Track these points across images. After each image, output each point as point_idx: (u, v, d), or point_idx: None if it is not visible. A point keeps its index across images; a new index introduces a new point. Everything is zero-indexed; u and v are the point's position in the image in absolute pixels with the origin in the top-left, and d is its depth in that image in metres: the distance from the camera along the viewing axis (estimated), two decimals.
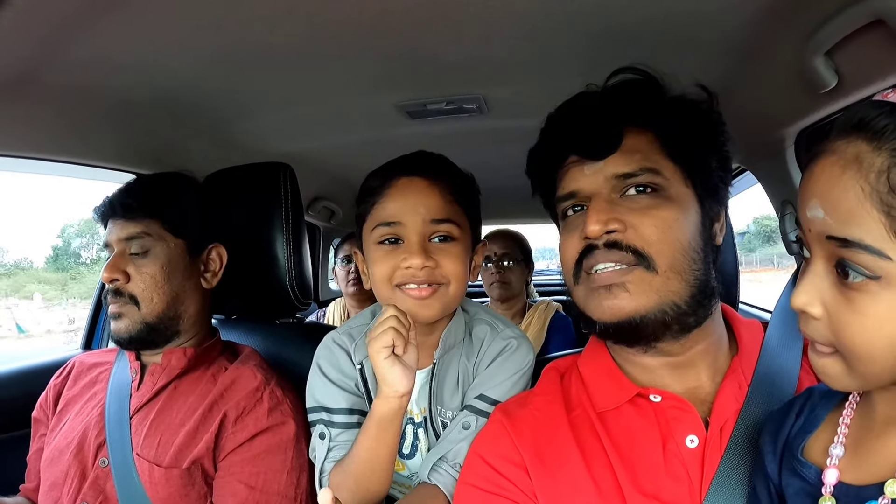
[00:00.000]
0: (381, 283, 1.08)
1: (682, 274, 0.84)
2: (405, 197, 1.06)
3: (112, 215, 1.25)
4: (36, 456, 1.29)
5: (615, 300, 0.85)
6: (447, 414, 1.14)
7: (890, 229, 0.53)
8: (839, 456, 0.65)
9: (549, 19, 1.09)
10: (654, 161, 0.86)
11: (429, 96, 1.53)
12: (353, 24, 1.09)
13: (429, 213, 1.05)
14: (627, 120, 0.88)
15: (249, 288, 1.50)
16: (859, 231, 0.55)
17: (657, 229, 0.84)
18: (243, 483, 1.11)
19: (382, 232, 1.07)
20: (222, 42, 1.13)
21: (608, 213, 0.84)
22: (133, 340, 1.23)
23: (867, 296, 0.56)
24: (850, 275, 0.56)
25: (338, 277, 2.83)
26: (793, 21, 1.00)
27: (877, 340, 0.56)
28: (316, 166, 2.22)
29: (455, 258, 1.06)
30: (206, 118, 1.58)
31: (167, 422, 1.18)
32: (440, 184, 1.07)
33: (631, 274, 0.84)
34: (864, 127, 0.55)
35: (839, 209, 0.56)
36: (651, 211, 0.84)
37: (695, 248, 0.85)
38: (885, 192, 0.53)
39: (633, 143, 0.87)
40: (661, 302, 0.84)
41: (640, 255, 0.84)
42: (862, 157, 0.55)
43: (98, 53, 1.12)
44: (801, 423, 0.72)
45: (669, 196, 0.86)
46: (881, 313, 0.55)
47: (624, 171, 0.86)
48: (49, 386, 1.35)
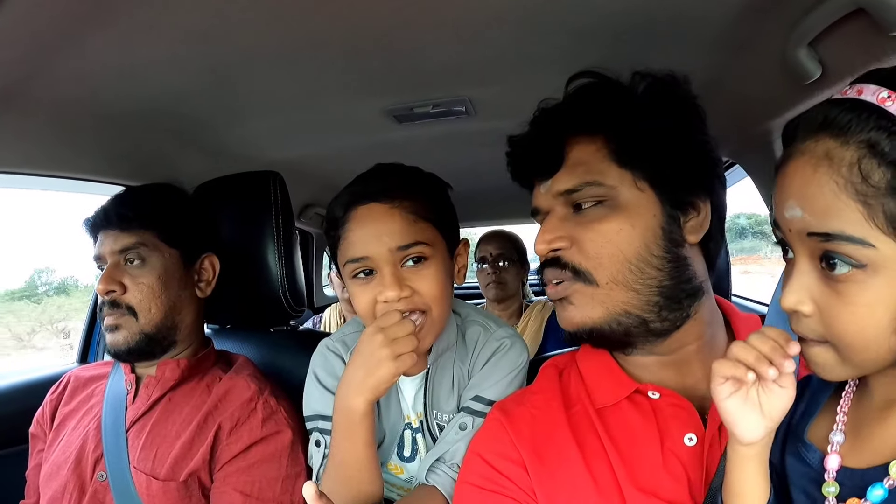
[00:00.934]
0: (366, 318, 1.06)
1: (628, 284, 0.85)
2: (365, 227, 1.03)
3: (106, 226, 1.25)
4: (34, 471, 1.28)
5: (564, 311, 0.91)
6: (443, 417, 1.14)
7: (869, 217, 0.55)
8: (839, 443, 0.66)
9: (532, 18, 1.09)
10: (597, 172, 0.86)
11: (415, 100, 1.53)
12: (338, 31, 1.09)
13: (393, 241, 1.01)
14: (574, 130, 0.89)
15: (242, 297, 1.50)
16: (839, 223, 0.56)
17: (595, 243, 0.85)
18: (239, 491, 1.12)
19: (353, 268, 1.04)
20: (208, 51, 1.13)
21: (554, 231, 0.88)
22: (132, 352, 1.22)
23: (855, 285, 0.57)
24: (837, 267, 0.58)
25: (333, 283, 2.83)
26: (775, 13, 0.99)
27: (869, 328, 0.58)
28: (306, 173, 2.22)
29: (431, 280, 1.04)
30: (193, 128, 1.58)
31: (163, 434, 1.18)
32: (400, 206, 1.03)
33: (571, 287, 0.88)
34: (830, 124, 0.57)
35: (817, 205, 0.58)
36: (593, 224, 0.86)
37: (644, 257, 0.85)
38: (859, 182, 0.55)
39: (578, 155, 0.88)
40: (609, 312, 0.86)
41: (576, 271, 0.87)
42: (832, 153, 0.56)
43: (84, 65, 1.12)
44: (804, 408, 0.73)
45: (617, 205, 0.86)
46: (871, 300, 0.57)
47: (566, 187, 0.88)
48: (45, 401, 1.34)
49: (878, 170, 0.54)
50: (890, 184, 0.54)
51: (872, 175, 0.54)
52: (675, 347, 0.89)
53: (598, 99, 0.90)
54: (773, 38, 1.04)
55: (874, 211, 0.55)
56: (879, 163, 0.54)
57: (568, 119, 0.90)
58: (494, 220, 3.16)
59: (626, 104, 0.89)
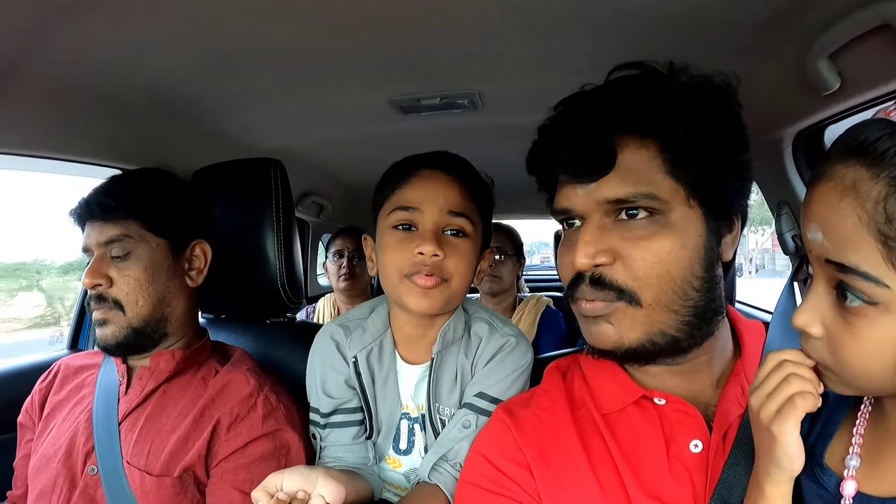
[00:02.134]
0: (391, 270, 1.09)
1: (671, 305, 0.81)
2: (426, 187, 1.09)
3: (89, 217, 1.20)
4: (23, 462, 1.25)
5: (600, 329, 0.84)
6: (445, 411, 1.14)
7: (887, 258, 0.53)
8: (856, 467, 0.65)
9: (546, 15, 1.08)
10: (652, 183, 0.78)
11: (422, 92, 1.52)
12: (346, 20, 1.08)
13: (446, 205, 1.07)
14: (624, 129, 0.80)
15: (239, 287, 1.48)
16: (856, 258, 0.55)
17: (645, 263, 0.79)
18: (237, 489, 1.09)
19: (399, 216, 1.09)
20: (211, 37, 1.11)
21: (597, 243, 0.80)
22: (120, 346, 1.19)
23: (865, 320, 0.57)
24: (849, 298, 0.57)
25: (329, 272, 2.80)
26: (799, 23, 0.99)
27: (874, 364, 0.57)
28: (306, 161, 2.20)
29: (463, 255, 1.09)
30: (194, 113, 1.56)
31: (157, 428, 1.16)
32: (460, 180, 1.11)
33: (613, 307, 0.81)
34: (864, 151, 0.55)
35: (837, 235, 0.57)
36: (643, 242, 0.79)
37: (688, 279, 0.80)
38: (883, 221, 0.53)
39: (631, 159, 0.79)
40: (647, 333, 0.82)
41: (621, 291, 0.80)
42: (859, 185, 0.54)
43: (84, 49, 1.10)
44: (820, 429, 0.72)
45: (668, 222, 0.79)
46: (878, 337, 0.56)
47: (617, 196, 0.79)
48: (34, 390, 1.31)
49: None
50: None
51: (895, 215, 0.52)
52: (690, 359, 0.88)
53: (652, 97, 0.81)
54: (794, 48, 1.04)
55: (893, 253, 0.53)
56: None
57: (617, 115, 0.80)
58: (496, 215, 3.14)
59: (685, 108, 0.80)
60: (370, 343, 1.16)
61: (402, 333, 1.18)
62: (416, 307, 1.07)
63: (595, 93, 0.85)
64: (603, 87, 0.85)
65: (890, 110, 0.57)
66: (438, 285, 1.07)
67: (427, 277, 1.06)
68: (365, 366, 1.15)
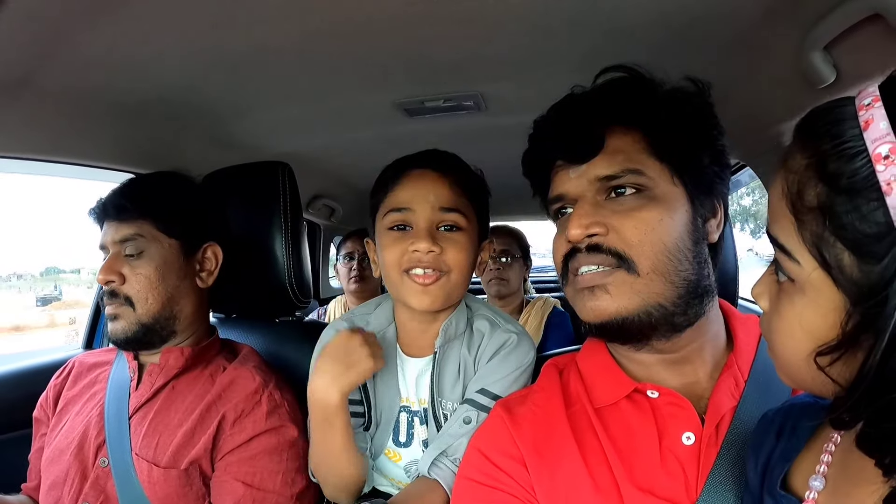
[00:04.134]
0: (390, 267, 1.11)
1: (666, 275, 0.83)
2: (416, 186, 1.11)
3: (106, 217, 1.25)
4: (37, 455, 1.29)
5: (597, 301, 0.86)
6: (448, 405, 1.15)
7: (798, 232, 0.52)
8: (818, 489, 0.61)
9: (547, 16, 1.09)
10: (637, 161, 0.85)
11: (427, 94, 1.53)
12: (351, 24, 1.09)
13: (437, 202, 1.10)
14: (611, 120, 0.87)
15: (249, 286, 1.50)
16: (776, 229, 0.55)
17: (638, 231, 0.83)
18: (241, 481, 1.12)
19: (394, 218, 1.11)
20: (220, 42, 1.14)
21: (590, 216, 0.85)
22: (130, 341, 1.23)
23: (786, 297, 0.56)
24: (779, 274, 0.57)
25: (340, 274, 2.83)
26: (791, 16, 0.99)
27: (789, 344, 0.56)
28: (315, 165, 2.23)
29: (460, 247, 1.10)
30: (204, 118, 1.59)
31: (165, 422, 1.19)
32: (450, 176, 1.12)
33: (612, 276, 0.84)
34: (804, 123, 0.55)
35: (770, 206, 0.57)
36: (634, 213, 0.84)
37: (681, 249, 0.84)
38: (795, 193, 0.52)
39: (617, 143, 0.87)
40: (644, 303, 0.84)
41: (620, 257, 0.84)
42: (791, 157, 0.54)
43: (96, 54, 1.13)
44: (783, 448, 0.69)
45: (655, 196, 0.85)
46: (791, 318, 0.55)
47: (606, 173, 0.86)
48: (49, 386, 1.35)
49: (815, 186, 0.51)
50: (822, 204, 0.50)
51: (808, 190, 0.51)
52: (682, 345, 0.89)
53: (635, 93, 0.89)
54: (788, 42, 1.04)
55: (803, 227, 0.52)
56: (818, 179, 0.50)
57: (605, 107, 0.88)
58: (502, 217, 3.15)
59: (662, 101, 0.88)
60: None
61: (406, 328, 1.20)
62: (418, 304, 1.10)
63: (584, 92, 0.92)
64: (592, 88, 0.92)
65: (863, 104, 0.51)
66: (438, 280, 1.09)
67: (426, 276, 1.08)
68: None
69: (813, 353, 0.53)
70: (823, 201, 0.50)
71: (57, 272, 16.98)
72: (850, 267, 0.49)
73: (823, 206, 0.50)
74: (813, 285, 0.52)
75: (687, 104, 0.88)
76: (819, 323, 0.52)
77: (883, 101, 0.48)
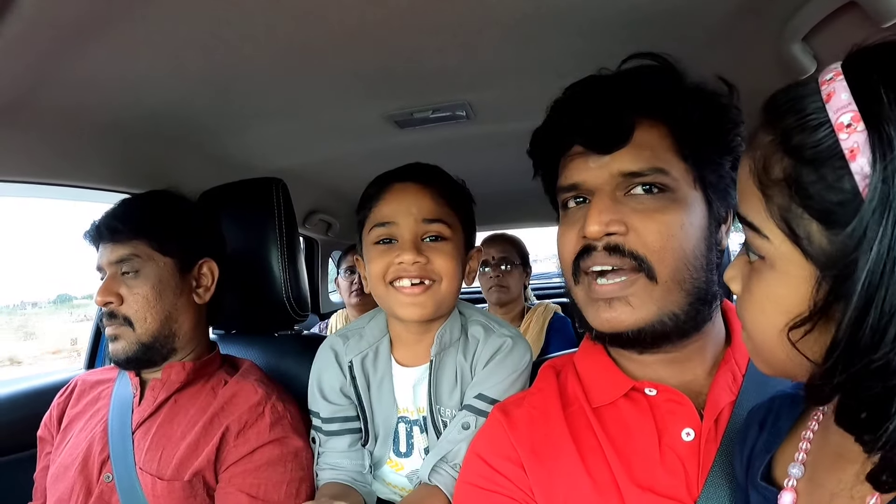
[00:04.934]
0: (376, 279, 1.12)
1: (683, 284, 0.82)
2: (398, 200, 1.13)
3: (100, 239, 1.27)
4: (42, 474, 1.30)
5: (614, 313, 0.84)
6: (447, 412, 1.16)
7: (766, 207, 0.53)
8: (797, 477, 0.62)
9: (530, 22, 1.10)
10: (664, 160, 0.82)
11: (415, 105, 1.54)
12: (336, 37, 1.10)
13: (420, 214, 1.10)
14: (640, 110, 0.83)
15: (247, 302, 1.52)
16: (745, 207, 0.56)
17: (661, 235, 0.80)
18: (245, 493, 1.12)
19: (378, 232, 1.12)
20: (209, 61, 1.14)
21: (610, 212, 0.81)
22: (131, 361, 1.24)
23: (756, 276, 0.56)
24: (749, 254, 0.57)
25: (341, 288, 2.84)
26: (769, 8, 0.99)
27: (761, 323, 0.56)
28: (309, 180, 2.23)
29: (446, 256, 1.11)
30: (197, 137, 1.60)
31: (168, 435, 1.19)
32: (432, 187, 1.13)
33: (633, 286, 0.82)
34: (769, 107, 0.55)
35: (739, 187, 0.58)
36: (656, 214, 0.81)
37: (697, 257, 0.82)
38: (762, 169, 0.53)
39: (644, 137, 0.83)
40: (659, 313, 0.82)
41: (641, 261, 0.81)
42: (757, 136, 0.55)
43: (88, 76, 1.14)
44: (765, 440, 0.69)
45: (677, 198, 0.82)
46: (763, 294, 0.55)
47: (631, 168, 0.82)
48: (53, 405, 1.36)
49: (780, 160, 0.51)
50: (787, 176, 0.51)
51: (774, 164, 0.52)
52: (686, 345, 0.88)
53: (664, 83, 0.86)
54: (767, 34, 1.04)
55: (770, 202, 0.52)
56: (784, 153, 0.51)
57: (634, 95, 0.84)
58: (497, 225, 3.15)
59: (691, 97, 0.85)
60: (366, 348, 1.20)
61: (400, 339, 1.21)
62: (408, 316, 1.11)
63: (611, 76, 0.88)
64: (619, 73, 0.88)
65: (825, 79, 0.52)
66: (427, 289, 1.10)
67: (413, 287, 1.09)
68: (360, 370, 1.19)
69: (785, 328, 0.53)
70: (789, 174, 0.50)
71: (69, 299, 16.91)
72: (818, 236, 0.50)
73: (789, 179, 0.50)
74: (782, 258, 0.52)
75: (714, 102, 0.86)
76: (790, 296, 0.53)
77: (844, 75, 0.49)
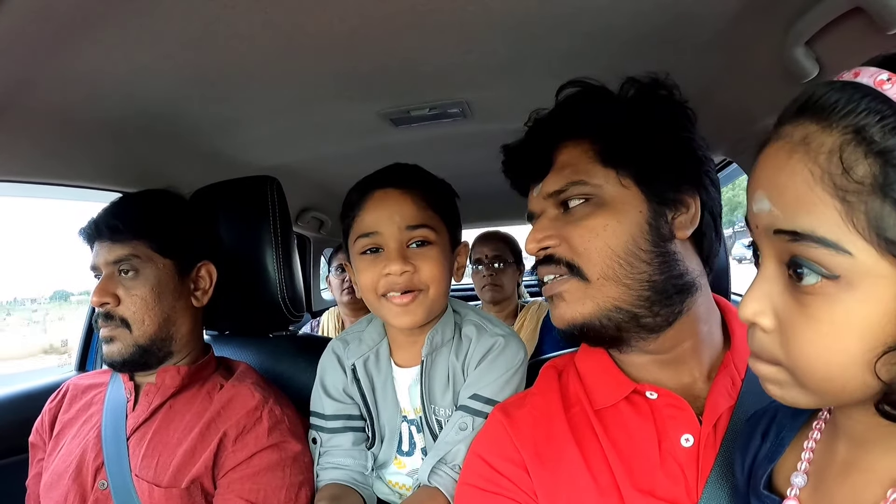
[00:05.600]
0: (367, 292, 1.13)
1: (618, 279, 0.85)
2: (380, 208, 1.12)
3: (98, 237, 1.23)
4: (34, 480, 1.27)
5: (556, 309, 0.92)
6: (440, 412, 1.16)
7: (847, 218, 0.46)
8: (800, 486, 0.59)
9: (529, 23, 1.10)
10: (583, 171, 0.88)
11: (412, 103, 1.54)
12: (332, 36, 1.09)
13: (404, 221, 1.10)
14: (562, 136, 0.92)
15: (241, 303, 1.50)
16: (810, 221, 0.47)
17: (584, 239, 0.87)
18: (244, 499, 1.11)
19: (364, 243, 1.12)
20: (202, 59, 1.13)
21: (545, 230, 0.90)
22: (126, 363, 1.22)
23: (824, 300, 0.48)
24: (805, 275, 0.48)
25: (332, 287, 2.83)
26: (773, 12, 1.00)
27: (834, 354, 0.48)
28: (303, 177, 2.22)
29: (433, 262, 1.11)
30: (190, 134, 1.58)
31: (164, 441, 1.17)
32: (413, 192, 1.13)
33: (566, 283, 0.89)
34: (812, 106, 0.49)
35: (786, 197, 0.49)
36: (581, 221, 0.88)
37: (632, 252, 0.85)
38: (839, 173, 0.46)
39: (566, 158, 0.91)
40: (600, 308, 0.87)
41: (570, 266, 0.88)
42: (810, 138, 0.48)
43: (79, 74, 1.12)
44: (767, 449, 0.67)
45: (603, 202, 0.87)
46: (840, 321, 0.47)
47: (554, 188, 0.90)
48: (44, 410, 1.33)
49: (864, 161, 0.45)
50: (877, 179, 0.44)
51: (856, 167, 0.45)
52: (670, 346, 0.89)
53: (584, 105, 0.94)
54: (770, 37, 1.04)
55: (854, 210, 0.45)
56: (866, 152, 0.45)
57: (556, 125, 0.94)
58: (491, 222, 3.16)
59: (610, 108, 0.92)
60: (367, 352, 1.20)
61: (396, 341, 1.21)
62: (400, 324, 1.12)
63: (542, 115, 0.98)
64: (549, 108, 0.97)
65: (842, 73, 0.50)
66: (416, 298, 1.10)
67: (403, 296, 1.10)
68: (363, 373, 1.20)
69: (873, 355, 0.47)
70: (880, 177, 0.44)
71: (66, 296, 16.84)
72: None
73: (882, 183, 0.44)
74: (868, 274, 0.46)
75: (640, 105, 0.91)
76: (880, 317, 0.46)
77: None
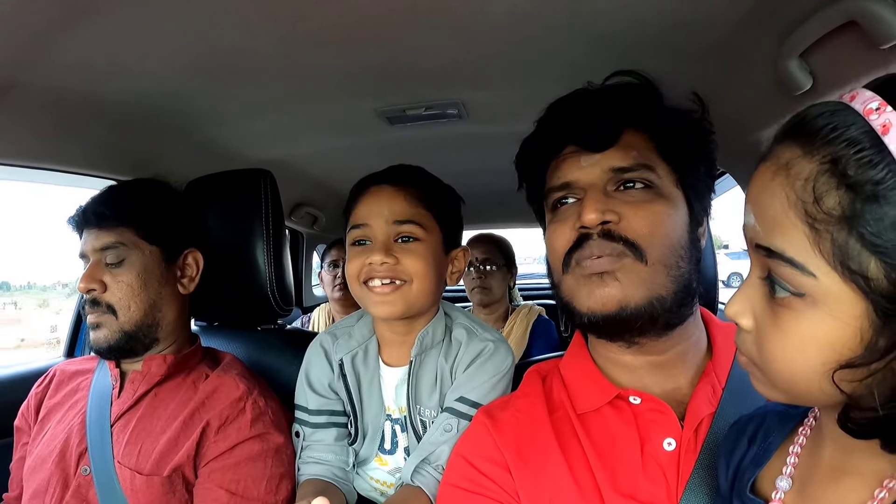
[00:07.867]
0: (351, 279, 1.15)
1: (670, 268, 0.86)
2: (372, 203, 1.16)
3: (85, 224, 1.25)
4: (18, 464, 1.28)
5: (606, 288, 0.86)
6: (426, 413, 1.17)
7: (814, 243, 0.49)
8: (785, 490, 0.62)
9: (528, 25, 1.10)
10: (649, 159, 0.89)
11: (408, 102, 1.54)
12: (332, 31, 1.09)
13: (392, 216, 1.13)
14: (625, 119, 0.90)
15: (230, 295, 1.50)
16: (781, 241, 0.51)
17: (649, 222, 0.85)
18: (224, 489, 1.11)
19: (355, 234, 1.15)
20: (201, 49, 1.13)
21: (604, 203, 0.86)
22: (112, 349, 1.22)
23: (791, 313, 0.52)
24: (776, 289, 0.53)
25: (324, 282, 2.82)
26: (768, 24, 1.00)
27: (797, 363, 0.52)
28: (297, 172, 2.22)
29: (417, 257, 1.12)
30: (186, 125, 1.58)
31: (148, 429, 1.18)
32: (407, 190, 1.16)
33: (621, 262, 0.85)
34: (801, 129, 0.51)
35: (766, 216, 0.53)
36: (645, 205, 0.87)
37: (683, 245, 0.87)
38: (811, 202, 0.48)
39: (630, 140, 0.90)
40: (648, 294, 0.85)
41: (631, 245, 0.85)
42: (792, 163, 0.50)
43: (76, 60, 1.12)
44: (754, 454, 0.69)
45: (662, 193, 0.88)
46: (802, 334, 0.51)
47: (621, 164, 0.88)
48: (30, 394, 1.34)
49: (835, 192, 0.47)
50: (845, 212, 0.47)
51: (826, 198, 0.48)
52: (669, 346, 0.91)
53: (645, 98, 0.94)
54: (765, 50, 1.05)
55: (821, 238, 0.48)
56: (838, 184, 0.47)
57: (620, 105, 0.92)
58: (484, 224, 3.16)
59: (674, 110, 0.94)
60: (356, 347, 1.21)
61: (385, 339, 1.22)
62: (379, 313, 1.14)
63: (599, 89, 0.96)
64: (607, 87, 0.96)
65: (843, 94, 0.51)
66: (397, 289, 1.12)
67: (384, 286, 1.11)
68: (350, 369, 1.20)
69: (829, 367, 0.50)
70: (847, 210, 0.47)
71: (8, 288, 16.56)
72: (876, 275, 0.47)
73: (849, 216, 0.47)
74: (829, 296, 0.49)
75: (689, 115, 0.94)
76: (838, 336, 0.49)
77: (891, 105, 0.47)
